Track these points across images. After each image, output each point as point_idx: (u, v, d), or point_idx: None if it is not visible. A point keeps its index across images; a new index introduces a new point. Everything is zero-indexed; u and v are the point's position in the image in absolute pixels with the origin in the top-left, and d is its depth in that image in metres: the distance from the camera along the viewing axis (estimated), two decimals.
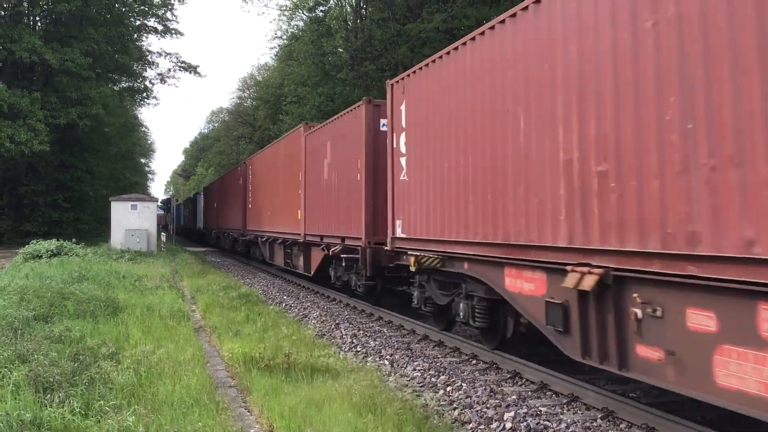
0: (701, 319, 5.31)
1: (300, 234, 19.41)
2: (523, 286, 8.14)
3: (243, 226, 30.82)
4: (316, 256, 18.37)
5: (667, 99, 5.66)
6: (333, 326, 13.06)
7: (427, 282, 11.41)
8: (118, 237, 30.93)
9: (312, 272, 18.99)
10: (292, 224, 20.58)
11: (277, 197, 23.56)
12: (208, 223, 48.45)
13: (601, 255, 6.52)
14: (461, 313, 10.11)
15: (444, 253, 10.27)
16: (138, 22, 46.19)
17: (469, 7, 32.11)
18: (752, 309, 4.87)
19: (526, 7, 7.93)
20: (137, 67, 49.52)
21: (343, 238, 15.64)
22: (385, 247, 12.69)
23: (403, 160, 11.84)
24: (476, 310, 9.64)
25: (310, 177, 19.02)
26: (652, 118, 5.84)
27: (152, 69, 51.11)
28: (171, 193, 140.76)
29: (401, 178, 11.88)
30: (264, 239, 25.56)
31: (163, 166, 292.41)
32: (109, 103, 40.42)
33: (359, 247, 14.35)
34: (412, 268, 11.18)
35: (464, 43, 9.62)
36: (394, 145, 12.35)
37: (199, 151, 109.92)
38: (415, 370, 9.22)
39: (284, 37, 50.32)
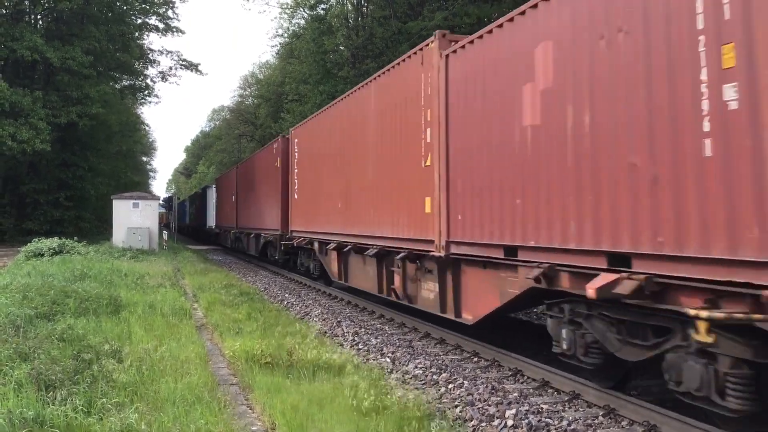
0: None
1: (434, 241, 10.51)
2: None
3: (283, 226, 22.61)
4: (488, 292, 9.21)
5: None
6: (335, 324, 13.06)
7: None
8: (119, 235, 30.95)
9: (474, 321, 9.80)
10: (406, 224, 11.76)
11: (362, 178, 14.38)
12: (223, 220, 40.71)
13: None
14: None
15: None
16: (139, 21, 46.24)
17: (470, 5, 32.06)
18: None
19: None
20: (138, 65, 49.60)
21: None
22: None
23: None
24: None
25: (462, 132, 9.72)
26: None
27: (153, 67, 51.20)
28: (173, 191, 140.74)
29: None
30: (331, 246, 16.50)
31: (165, 165, 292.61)
32: (109, 101, 40.43)
33: None
34: None
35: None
36: None
37: (200, 149, 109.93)
38: (416, 367, 9.23)
39: (285, 35, 50.29)
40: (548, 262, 7.38)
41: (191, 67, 50.04)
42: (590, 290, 6.22)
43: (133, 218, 31.30)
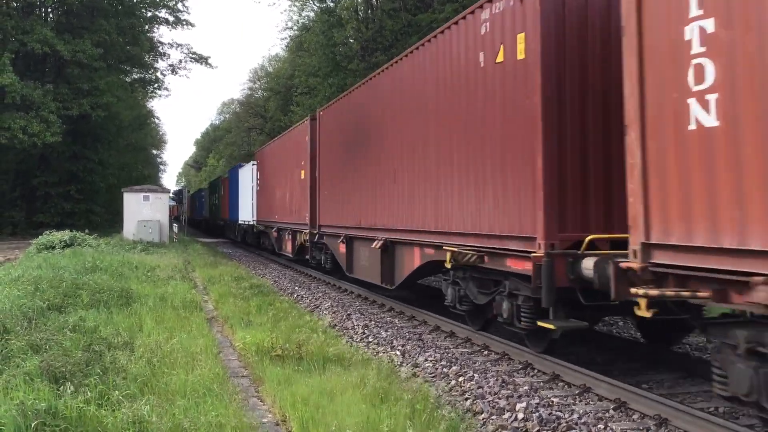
0: None
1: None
2: None
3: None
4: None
5: None
6: (344, 317, 13.08)
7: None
8: (130, 228, 31.05)
9: None
10: None
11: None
12: (272, 213, 27.03)
13: None
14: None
15: None
16: (149, 14, 46.34)
17: None
18: None
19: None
20: (148, 58, 49.69)
21: None
22: None
23: None
24: None
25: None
26: None
27: (163, 60, 51.44)
28: (183, 184, 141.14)
29: None
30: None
31: (175, 158, 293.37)
32: (121, 96, 40.58)
33: None
34: None
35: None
36: None
37: (210, 142, 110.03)
38: (426, 360, 9.23)
39: (295, 27, 50.25)
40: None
41: (201, 60, 50.11)
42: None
43: (143, 211, 31.40)
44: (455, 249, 9.80)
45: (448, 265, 10.04)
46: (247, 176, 33.49)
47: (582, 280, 7.47)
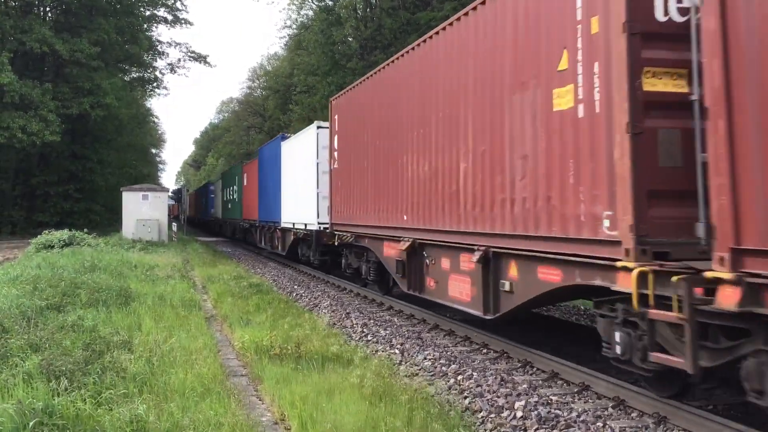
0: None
1: None
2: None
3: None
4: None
5: None
6: (344, 315, 13.07)
7: None
8: (129, 227, 31.06)
9: None
10: None
11: None
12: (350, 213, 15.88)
13: None
14: None
15: None
16: (148, 12, 46.31)
17: None
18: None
19: None
20: (147, 57, 49.66)
21: None
22: None
23: None
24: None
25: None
26: None
27: (162, 59, 51.37)
28: (182, 183, 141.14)
29: None
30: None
31: (174, 157, 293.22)
32: (121, 95, 40.57)
33: None
34: None
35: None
36: None
37: (209, 141, 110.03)
38: (425, 359, 9.22)
39: (294, 26, 50.29)
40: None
41: (200, 58, 50.13)
42: None
43: (142, 210, 31.41)
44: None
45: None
46: (305, 150, 21.01)
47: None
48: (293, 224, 22.28)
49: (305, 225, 20.48)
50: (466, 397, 7.33)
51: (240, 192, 36.61)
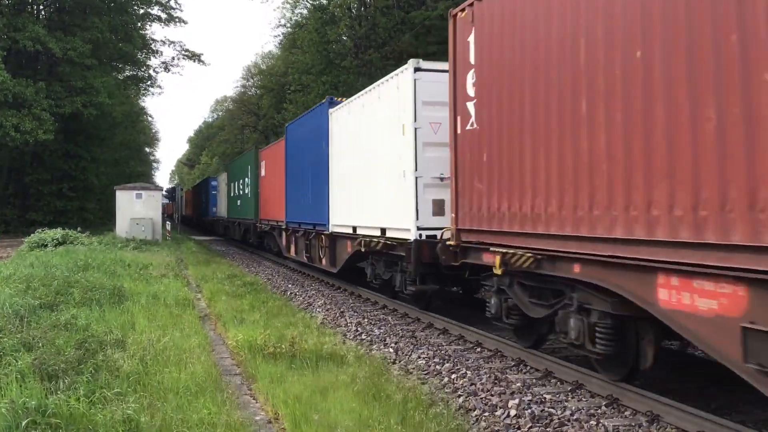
0: None
1: None
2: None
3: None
4: None
5: None
6: (338, 314, 13.07)
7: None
8: (123, 226, 30.96)
9: None
10: None
11: None
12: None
13: None
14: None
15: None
16: (141, 11, 46.12)
17: None
18: None
19: None
20: (141, 55, 49.46)
21: None
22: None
23: None
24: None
25: None
26: None
27: (156, 57, 51.07)
28: (176, 182, 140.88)
29: None
30: None
31: (168, 155, 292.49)
32: (112, 92, 40.41)
33: None
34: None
35: None
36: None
37: (203, 140, 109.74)
38: (419, 357, 9.23)
39: (288, 25, 50.21)
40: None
41: (194, 57, 49.90)
42: None
43: (136, 209, 31.31)
44: None
45: None
46: (386, 112, 13.31)
47: None
48: (356, 230, 14.78)
49: (386, 231, 13.03)
50: (459, 396, 7.35)
51: (254, 186, 29.02)
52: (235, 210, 35.70)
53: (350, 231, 15.07)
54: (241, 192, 33.46)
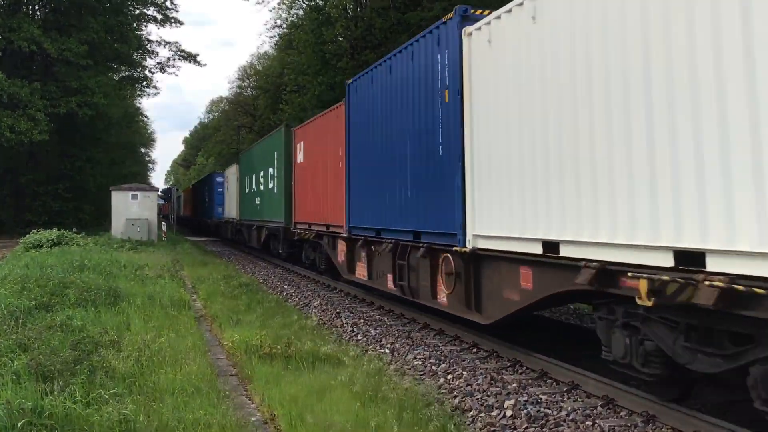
0: None
1: None
2: None
3: None
4: None
5: None
6: (334, 315, 13.07)
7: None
8: (118, 226, 30.93)
9: None
10: None
11: None
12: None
13: None
14: None
15: None
16: (137, 11, 46.06)
17: None
18: None
19: None
20: (136, 56, 49.38)
21: None
22: None
23: None
24: None
25: None
26: None
27: (152, 58, 50.97)
28: (171, 182, 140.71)
29: None
30: None
31: (164, 156, 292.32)
32: (108, 92, 40.33)
33: None
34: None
35: None
36: None
37: (199, 140, 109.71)
38: (415, 358, 9.23)
39: (284, 25, 50.18)
40: None
41: (189, 58, 49.84)
42: None
43: (132, 209, 31.29)
44: None
45: None
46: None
47: None
48: (557, 248, 7.42)
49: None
50: (456, 396, 7.35)
51: (285, 177, 22.02)
52: (252, 210, 28.87)
53: (533, 249, 7.80)
54: (261, 187, 26.45)
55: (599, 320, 7.02)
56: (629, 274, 6.10)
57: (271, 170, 24.54)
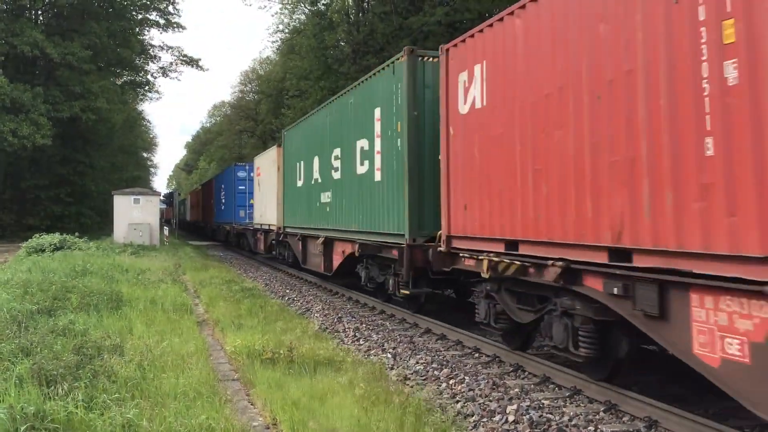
0: None
1: None
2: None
3: None
4: None
5: None
6: (336, 320, 13.06)
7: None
8: (120, 231, 30.97)
9: None
10: None
11: None
12: None
13: None
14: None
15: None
16: (140, 16, 46.25)
17: (472, 0, 32.05)
18: None
19: None
20: (139, 60, 49.56)
21: None
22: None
23: None
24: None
25: None
26: None
27: (154, 63, 51.23)
28: (173, 187, 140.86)
29: None
30: None
31: (166, 161, 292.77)
32: (110, 97, 40.46)
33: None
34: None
35: None
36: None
37: (201, 145, 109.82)
38: (417, 363, 9.23)
39: (286, 30, 50.29)
40: None
41: (192, 62, 50.03)
42: None
43: (134, 214, 31.33)
44: None
45: None
46: None
47: None
48: None
49: None
50: (458, 401, 7.35)
51: (410, 154, 11.78)
52: (313, 213, 18.28)
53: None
54: (337, 175, 16.25)
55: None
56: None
57: (363, 144, 14.29)
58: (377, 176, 13.36)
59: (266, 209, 25.85)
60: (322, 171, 17.58)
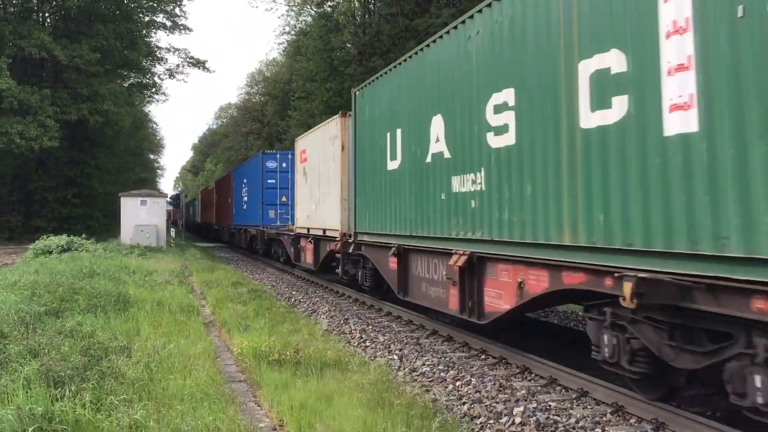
0: None
1: None
2: None
3: None
4: None
5: None
6: (342, 321, 13.06)
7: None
8: (127, 232, 31.05)
9: None
10: None
11: None
12: None
13: None
14: None
15: None
16: (147, 18, 46.42)
17: (478, 1, 32.10)
18: None
19: None
20: (146, 62, 49.71)
21: None
22: None
23: None
24: None
25: None
26: None
27: (161, 65, 51.39)
28: (180, 188, 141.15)
29: None
30: None
31: (172, 162, 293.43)
32: (119, 100, 40.58)
33: None
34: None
35: None
36: None
37: (207, 146, 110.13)
38: (424, 365, 9.22)
39: (292, 32, 50.40)
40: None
41: (198, 64, 50.22)
42: None
43: (141, 215, 31.40)
44: None
45: None
46: None
47: None
48: None
49: None
50: (464, 403, 7.34)
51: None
52: (443, 213, 10.41)
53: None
54: (536, 129, 7.81)
55: None
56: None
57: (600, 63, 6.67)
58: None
59: (319, 207, 18.90)
60: (453, 138, 10.17)
